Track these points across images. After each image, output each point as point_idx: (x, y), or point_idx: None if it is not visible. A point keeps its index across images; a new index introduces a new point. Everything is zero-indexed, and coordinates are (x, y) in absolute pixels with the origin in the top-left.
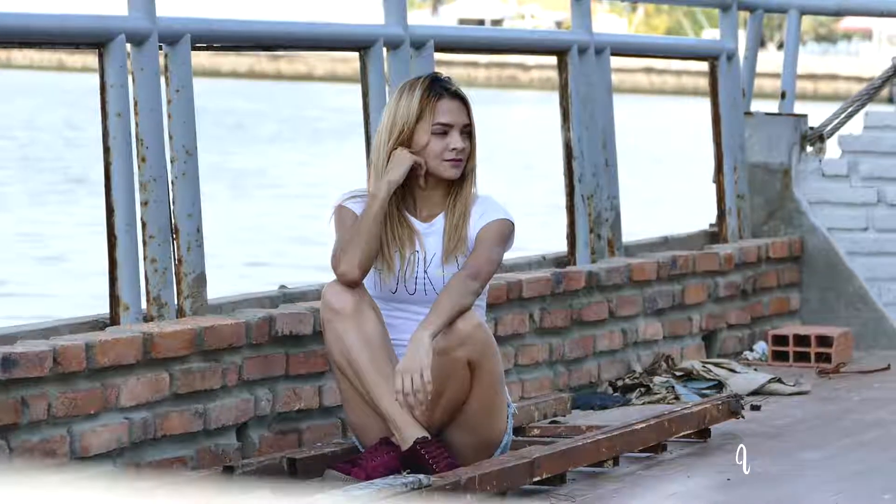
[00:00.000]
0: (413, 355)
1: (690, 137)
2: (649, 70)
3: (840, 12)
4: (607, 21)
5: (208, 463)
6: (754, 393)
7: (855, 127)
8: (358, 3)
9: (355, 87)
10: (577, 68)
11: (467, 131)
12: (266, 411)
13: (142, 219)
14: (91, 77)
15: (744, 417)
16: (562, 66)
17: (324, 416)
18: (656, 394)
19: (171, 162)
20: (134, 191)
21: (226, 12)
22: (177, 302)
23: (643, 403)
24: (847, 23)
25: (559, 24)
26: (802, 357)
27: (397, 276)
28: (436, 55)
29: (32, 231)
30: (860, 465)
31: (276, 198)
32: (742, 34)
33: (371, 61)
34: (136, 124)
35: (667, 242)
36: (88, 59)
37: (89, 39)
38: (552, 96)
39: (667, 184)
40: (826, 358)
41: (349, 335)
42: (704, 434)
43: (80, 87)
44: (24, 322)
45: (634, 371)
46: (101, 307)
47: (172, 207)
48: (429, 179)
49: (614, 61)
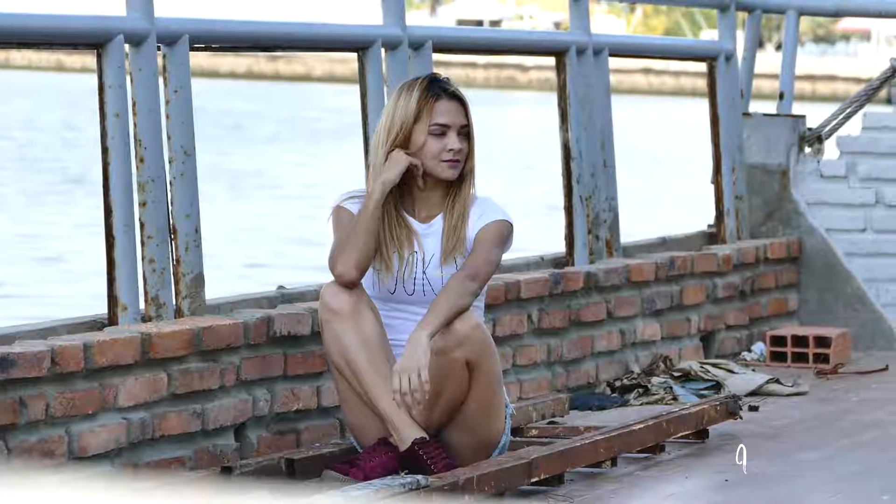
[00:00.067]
0: (411, 355)
1: (689, 138)
2: (648, 71)
3: (838, 13)
4: (605, 22)
5: (206, 463)
6: (752, 394)
7: (853, 128)
8: (356, 3)
9: (353, 88)
10: (576, 69)
11: (465, 132)
12: (264, 412)
13: (140, 219)
14: (90, 77)
15: (742, 418)
16: (560, 67)
17: (322, 417)
18: (654, 394)
19: (170, 162)
20: (132, 191)
21: (224, 13)
22: (175, 302)
23: (641, 404)
24: (845, 24)
25: (557, 25)
26: (800, 358)
27: (396, 276)
28: (434, 56)
29: (31, 231)
30: (858, 466)
31: (275, 198)
32: (740, 35)
33: (369, 62)
34: (135, 125)
35: (665, 243)
36: (87, 59)
37: (88, 40)
38: (551, 97)
39: (665, 185)
40: (824, 359)
41: (347, 335)
42: (702, 435)
43: (78, 88)
44: (22, 322)
45: (632, 372)
46: (100, 307)
47: (171, 208)
48: (427, 180)
49: (612, 62)
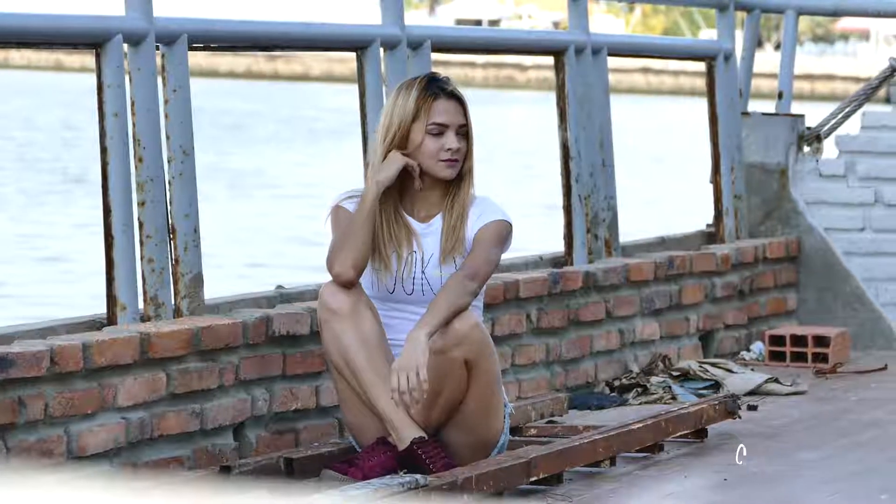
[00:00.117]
0: (409, 354)
1: (688, 138)
2: (646, 70)
3: (837, 12)
4: (604, 21)
5: (205, 463)
6: (751, 393)
7: (852, 127)
8: (355, 3)
9: (352, 88)
10: (574, 68)
11: (464, 132)
12: (263, 411)
13: (139, 219)
14: (89, 77)
15: (740, 417)
16: (559, 67)
17: (321, 416)
18: (653, 394)
19: (168, 162)
20: (131, 191)
21: (223, 13)
22: (174, 302)
23: (640, 403)
24: (844, 23)
25: (556, 25)
26: (799, 357)
27: (395, 276)
28: (433, 55)
29: (30, 231)
30: (857, 465)
31: (274, 198)
32: (739, 34)
33: (368, 61)
34: (133, 124)
35: (664, 243)
36: (86, 59)
37: (86, 39)
38: (549, 96)
39: (664, 184)
40: (823, 358)
41: (346, 335)
42: (701, 434)
43: (77, 88)
44: (21, 322)
45: (631, 371)
46: (99, 307)
47: (169, 207)
48: (426, 180)
49: (611, 61)
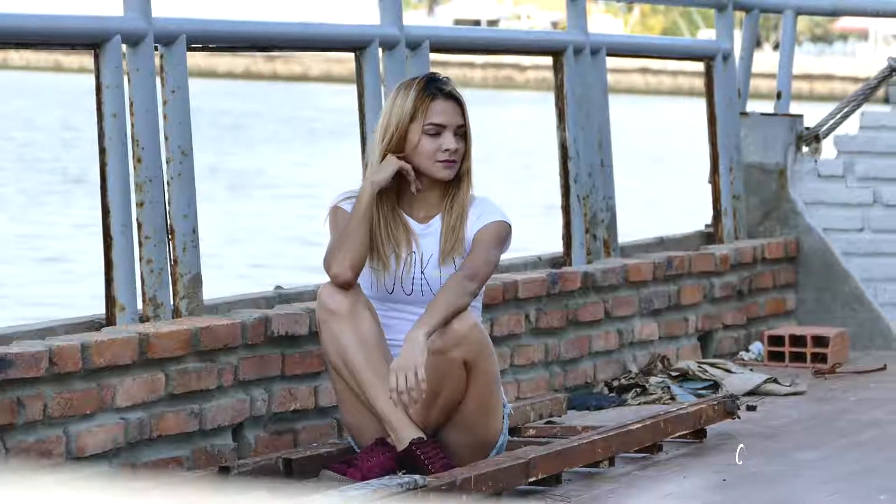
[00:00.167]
0: (407, 353)
1: (686, 138)
2: (645, 70)
3: (836, 12)
4: (603, 21)
5: (204, 463)
6: (750, 393)
7: (851, 127)
8: (353, 3)
9: (351, 88)
10: (573, 69)
11: (462, 132)
12: (262, 412)
13: (137, 219)
14: (88, 78)
15: (739, 418)
16: (557, 67)
17: (319, 417)
18: (652, 394)
19: (167, 163)
20: (130, 191)
21: (221, 13)
22: (173, 302)
23: (639, 404)
24: (843, 23)
25: (555, 25)
26: (798, 357)
27: (394, 276)
28: (431, 56)
29: (29, 232)
30: (856, 465)
31: (273, 198)
32: (738, 34)
33: (366, 62)
34: (132, 125)
35: (662, 243)
36: (85, 59)
37: (85, 40)
38: (548, 97)
39: (663, 184)
40: (822, 358)
41: (345, 336)
42: (700, 434)
43: (76, 88)
44: (20, 322)
45: (630, 371)
46: (98, 308)
47: (168, 208)
48: (424, 180)
49: (610, 62)
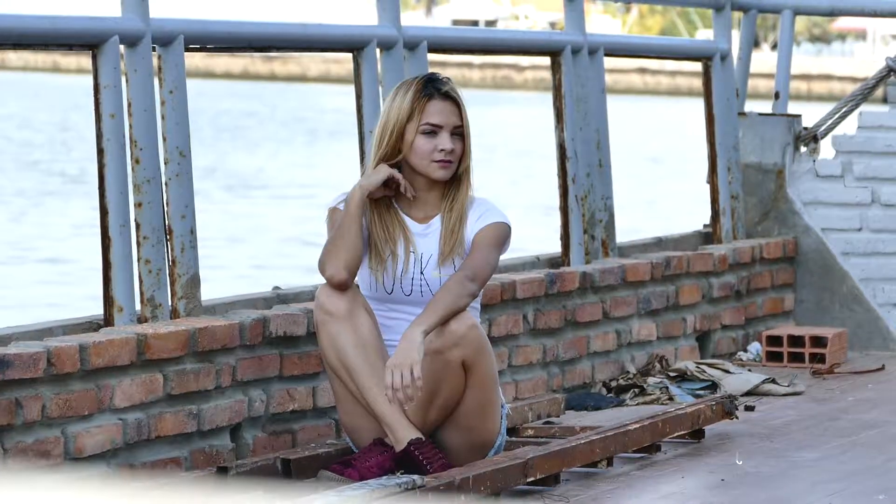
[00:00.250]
0: (404, 351)
1: (685, 138)
2: (643, 71)
3: (834, 12)
4: (601, 22)
5: (202, 464)
6: (748, 393)
7: (849, 127)
8: (351, 4)
9: (349, 89)
10: (571, 69)
11: (459, 133)
12: (260, 412)
13: (136, 220)
14: (86, 78)
15: (738, 418)
16: (555, 67)
17: (318, 417)
18: (650, 394)
19: (165, 163)
20: (128, 192)
21: (219, 13)
22: (171, 303)
23: (637, 404)
24: (841, 23)
25: (553, 25)
26: (797, 358)
27: (393, 277)
28: (429, 56)
29: (27, 232)
30: (854, 466)
31: (271, 199)
32: (736, 34)
33: (364, 62)
34: (130, 126)
35: (661, 243)
36: (83, 60)
37: (83, 41)
38: (546, 97)
39: (661, 184)
40: (820, 358)
41: (343, 337)
42: (698, 435)
43: (74, 89)
44: (18, 323)
45: (628, 372)
46: (96, 308)
47: (166, 209)
48: (422, 180)
49: (608, 62)
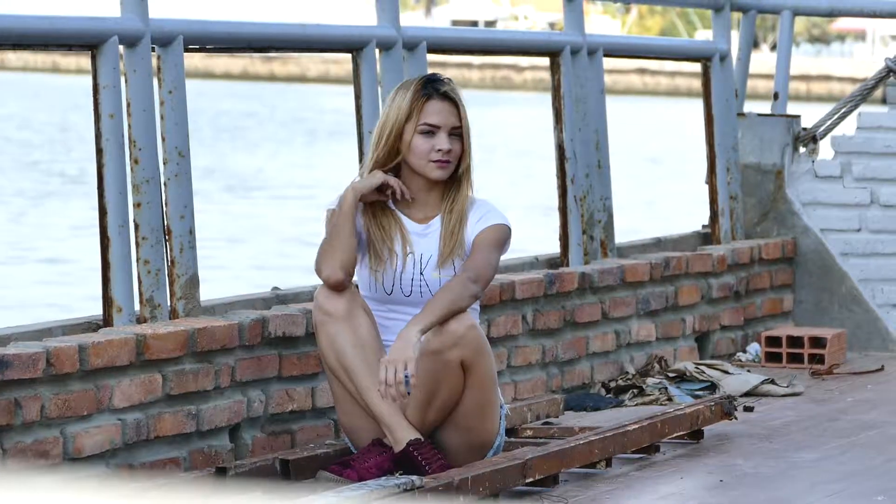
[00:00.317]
0: (399, 348)
1: (684, 138)
2: (642, 71)
3: (833, 13)
4: (600, 22)
5: (201, 464)
6: (747, 394)
7: (848, 128)
8: (350, 4)
9: (349, 89)
10: (570, 69)
11: (457, 133)
12: (259, 413)
13: (134, 220)
14: (85, 79)
15: (737, 419)
16: (555, 68)
17: (316, 418)
18: (649, 395)
19: (164, 163)
20: (127, 192)
21: (218, 14)
22: (170, 303)
23: (636, 405)
24: (841, 23)
25: (552, 26)
26: (796, 358)
27: (393, 278)
28: (429, 56)
29: (27, 232)
30: (854, 466)
31: (271, 199)
32: (735, 35)
33: (364, 63)
34: (129, 126)
35: (659, 244)
36: (83, 60)
37: (82, 41)
38: (545, 97)
39: (660, 185)
40: (819, 359)
41: (342, 337)
42: (697, 435)
43: (74, 89)
44: (17, 323)
45: (627, 372)
46: (95, 309)
47: (165, 209)
48: (420, 180)
49: (607, 62)
